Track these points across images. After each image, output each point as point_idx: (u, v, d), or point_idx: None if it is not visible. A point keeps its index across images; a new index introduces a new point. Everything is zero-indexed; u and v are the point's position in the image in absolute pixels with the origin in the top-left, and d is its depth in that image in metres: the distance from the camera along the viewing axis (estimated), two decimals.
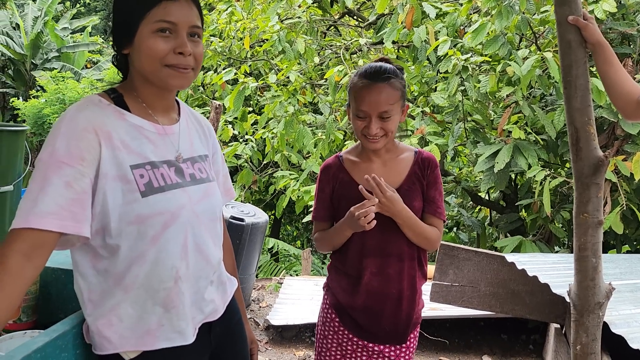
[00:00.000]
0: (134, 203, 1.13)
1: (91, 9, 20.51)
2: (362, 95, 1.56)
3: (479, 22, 4.00)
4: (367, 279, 1.63)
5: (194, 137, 1.35)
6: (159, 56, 1.15)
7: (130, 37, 1.16)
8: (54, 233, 1.04)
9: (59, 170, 1.06)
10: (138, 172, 1.15)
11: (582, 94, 1.58)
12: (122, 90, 1.24)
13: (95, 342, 1.19)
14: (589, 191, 1.61)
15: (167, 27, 1.15)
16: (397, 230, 1.60)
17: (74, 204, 1.06)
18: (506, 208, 5.33)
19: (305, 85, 5.39)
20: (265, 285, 5.02)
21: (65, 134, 1.09)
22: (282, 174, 5.37)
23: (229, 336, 1.41)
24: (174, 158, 1.24)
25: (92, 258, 1.17)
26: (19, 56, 14.43)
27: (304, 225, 10.71)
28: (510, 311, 3.40)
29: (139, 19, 1.15)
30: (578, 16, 1.55)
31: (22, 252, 1.01)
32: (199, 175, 1.29)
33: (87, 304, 1.18)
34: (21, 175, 1.84)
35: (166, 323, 1.20)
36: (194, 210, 1.23)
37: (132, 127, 1.19)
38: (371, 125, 1.55)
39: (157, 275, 1.17)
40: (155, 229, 1.15)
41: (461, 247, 3.37)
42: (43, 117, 11.49)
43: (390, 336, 1.66)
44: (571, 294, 1.74)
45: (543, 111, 4.14)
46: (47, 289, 1.58)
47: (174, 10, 1.15)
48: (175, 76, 1.18)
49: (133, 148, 1.17)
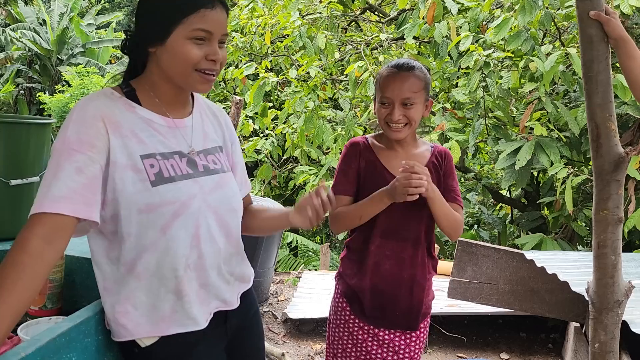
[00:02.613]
0: (144, 192, 1.16)
1: (115, 5, 20.78)
2: (387, 82, 1.62)
3: (502, 18, 3.96)
4: (381, 261, 1.66)
5: (208, 129, 1.36)
6: (192, 62, 1.18)
7: (163, 39, 1.17)
8: (69, 217, 1.07)
9: (70, 157, 1.10)
10: (148, 161, 1.18)
11: (604, 90, 1.56)
12: (136, 84, 1.26)
13: (112, 329, 1.23)
14: (609, 188, 1.60)
15: (203, 36, 1.18)
16: (416, 215, 1.64)
17: (85, 188, 1.10)
18: (528, 206, 5.27)
19: (325, 81, 5.39)
20: (283, 279, 5.06)
21: (76, 121, 1.14)
22: (302, 169, 5.39)
23: (246, 329, 1.42)
24: (186, 151, 1.26)
25: (105, 246, 1.20)
26: (45, 52, 14.71)
27: (323, 221, 10.74)
28: (529, 309, 3.37)
29: (176, 23, 1.16)
30: (600, 11, 1.53)
31: (40, 236, 1.04)
32: (212, 166, 1.30)
33: (103, 292, 1.22)
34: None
35: (179, 310, 1.23)
36: (205, 200, 1.24)
37: (141, 119, 1.21)
38: (394, 112, 1.60)
39: (168, 264, 1.20)
40: (166, 218, 1.18)
41: (480, 244, 3.35)
42: (68, 111, 11.71)
43: (400, 322, 1.68)
44: (590, 291, 1.73)
45: (566, 108, 4.08)
46: (71, 277, 1.63)
47: (211, 19, 1.18)
48: (203, 82, 1.22)
49: (142, 138, 1.19)
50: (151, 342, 1.22)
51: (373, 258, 1.66)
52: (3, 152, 1.76)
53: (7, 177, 1.75)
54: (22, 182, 1.79)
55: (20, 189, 1.80)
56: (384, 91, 1.62)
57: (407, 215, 1.64)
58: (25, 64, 15.28)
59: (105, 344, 1.25)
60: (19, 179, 1.78)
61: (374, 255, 1.66)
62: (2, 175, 1.75)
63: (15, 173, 1.78)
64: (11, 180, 1.76)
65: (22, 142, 1.80)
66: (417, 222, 1.66)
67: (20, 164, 1.80)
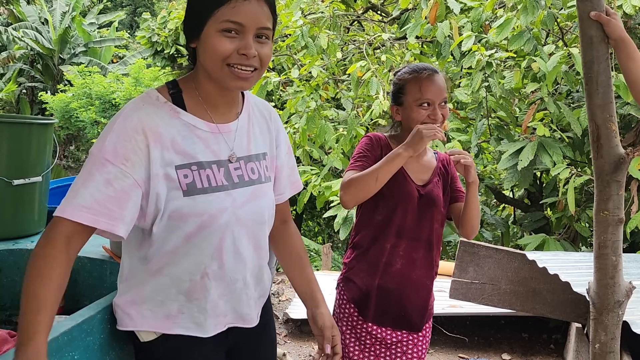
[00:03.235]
0: (175, 200, 1.16)
1: (117, 4, 20.82)
2: (427, 84, 1.66)
3: (504, 17, 3.95)
4: (393, 260, 1.68)
5: (255, 134, 1.32)
6: (222, 56, 1.13)
7: (198, 33, 1.15)
8: (87, 226, 1.09)
9: (103, 167, 1.10)
10: (182, 172, 1.16)
11: (604, 91, 1.57)
12: (183, 84, 1.23)
13: (118, 317, 1.25)
14: (609, 189, 1.60)
15: (233, 28, 1.12)
16: (431, 217, 1.70)
17: (111, 201, 1.10)
18: (531, 206, 5.26)
19: (327, 81, 5.39)
20: (285, 279, 5.06)
21: (116, 131, 1.13)
22: (304, 169, 5.39)
23: (252, 338, 1.38)
24: (226, 157, 1.23)
25: (139, 242, 1.22)
26: (48, 51, 14.75)
27: (325, 221, 10.73)
28: (531, 310, 3.37)
29: (207, 16, 1.12)
30: (600, 12, 1.53)
31: (65, 235, 1.08)
32: (249, 177, 1.27)
33: (121, 278, 1.26)
34: (49, 166, 1.90)
35: (186, 312, 1.23)
36: (235, 213, 1.22)
37: (185, 126, 1.18)
38: (436, 111, 1.65)
39: (185, 268, 1.21)
40: (192, 227, 1.17)
41: (481, 244, 3.35)
42: (70, 110, 11.74)
43: (406, 322, 1.71)
44: (590, 292, 1.73)
45: (569, 108, 4.07)
46: (73, 277, 1.60)
47: (243, 10, 1.12)
48: (234, 78, 1.15)
49: (182, 148, 1.17)
50: (150, 339, 1.23)
51: (386, 257, 1.68)
52: (6, 152, 1.77)
53: (9, 177, 1.76)
54: (25, 182, 1.80)
55: (23, 189, 1.81)
56: (426, 93, 1.65)
57: (422, 216, 1.68)
58: (28, 63, 15.33)
59: (107, 342, 1.26)
60: (22, 178, 1.79)
61: (387, 254, 1.68)
62: (5, 175, 1.76)
63: (18, 173, 1.79)
64: (14, 180, 1.77)
65: (24, 142, 1.81)
66: (430, 223, 1.70)
67: (23, 163, 1.81)
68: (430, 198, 1.70)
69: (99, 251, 1.74)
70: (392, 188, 1.64)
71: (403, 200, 1.67)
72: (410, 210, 1.67)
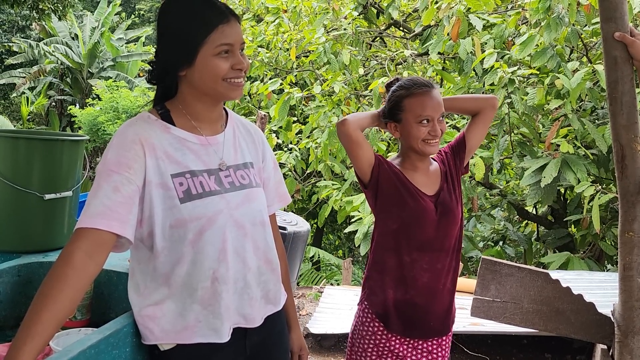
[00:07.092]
0: (173, 208, 1.24)
1: (145, 20, 21.28)
2: (424, 101, 1.65)
3: (527, 34, 3.95)
4: (418, 274, 1.67)
5: (241, 145, 1.42)
6: (221, 75, 1.27)
7: (191, 61, 1.26)
8: (107, 232, 1.15)
9: (109, 177, 1.19)
10: (178, 180, 1.26)
11: (628, 111, 1.56)
12: (170, 106, 1.34)
13: (141, 332, 1.29)
14: (634, 209, 1.59)
15: (226, 49, 1.26)
16: (452, 225, 1.69)
17: (120, 206, 1.18)
18: (554, 223, 5.19)
19: (349, 96, 5.43)
20: (305, 293, 5.07)
21: (116, 145, 1.24)
22: (325, 184, 5.42)
23: (267, 347, 1.42)
24: (216, 166, 1.33)
25: (145, 258, 1.28)
26: (77, 65, 15.13)
27: (346, 235, 10.72)
28: (554, 330, 3.30)
29: (200, 44, 1.24)
30: (625, 32, 1.53)
31: (83, 250, 1.12)
32: (240, 182, 1.35)
33: (134, 295, 1.30)
34: (79, 181, 1.96)
35: (203, 320, 1.27)
36: (232, 215, 1.30)
37: (176, 139, 1.29)
38: (436, 127, 1.65)
39: (195, 275, 1.26)
40: (194, 232, 1.25)
41: (503, 262, 3.31)
42: (98, 124, 11.99)
43: (433, 330, 1.71)
44: (615, 314, 1.71)
45: (594, 125, 4.03)
46: (100, 290, 1.67)
47: (229, 33, 1.26)
48: (234, 89, 1.30)
49: (175, 158, 1.27)
50: (169, 347, 1.28)
51: (410, 271, 1.67)
52: (39, 168, 1.83)
53: (41, 191, 1.82)
54: (56, 197, 1.85)
55: (54, 203, 1.87)
56: (425, 110, 1.64)
57: (441, 228, 1.68)
58: (57, 76, 15.73)
59: (132, 356, 1.29)
60: (53, 193, 1.85)
61: (410, 267, 1.67)
62: (37, 189, 1.81)
63: (50, 188, 1.84)
64: (45, 195, 1.82)
65: (56, 158, 1.87)
66: (450, 234, 1.70)
67: (55, 178, 1.87)
68: (445, 205, 1.69)
69: (126, 265, 1.78)
70: (406, 207, 1.65)
71: (422, 216, 1.66)
72: (429, 223, 1.66)
